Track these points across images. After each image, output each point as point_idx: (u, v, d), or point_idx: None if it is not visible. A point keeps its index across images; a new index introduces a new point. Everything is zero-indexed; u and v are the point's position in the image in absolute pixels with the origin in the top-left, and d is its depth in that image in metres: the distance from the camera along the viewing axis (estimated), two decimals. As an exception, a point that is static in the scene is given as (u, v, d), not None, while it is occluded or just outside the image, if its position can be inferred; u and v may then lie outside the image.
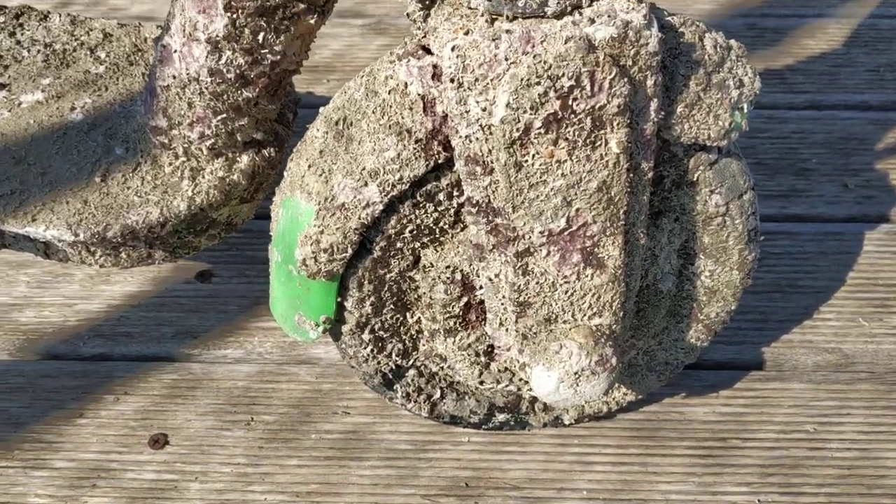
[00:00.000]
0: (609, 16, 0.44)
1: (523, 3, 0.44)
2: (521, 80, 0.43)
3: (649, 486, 0.65)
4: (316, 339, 0.56)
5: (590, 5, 0.44)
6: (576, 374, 0.51)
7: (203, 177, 0.57)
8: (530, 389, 0.59)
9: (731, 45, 0.50)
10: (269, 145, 0.58)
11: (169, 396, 0.72)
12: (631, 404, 0.70)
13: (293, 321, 0.56)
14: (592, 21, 0.44)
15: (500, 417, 0.65)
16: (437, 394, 0.61)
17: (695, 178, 0.52)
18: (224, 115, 0.54)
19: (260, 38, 0.50)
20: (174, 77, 0.53)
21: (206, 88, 0.53)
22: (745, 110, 0.50)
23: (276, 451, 0.69)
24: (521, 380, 0.60)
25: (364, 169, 0.48)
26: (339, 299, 0.55)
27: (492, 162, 0.46)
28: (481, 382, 0.60)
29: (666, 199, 0.54)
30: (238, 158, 0.58)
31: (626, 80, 0.44)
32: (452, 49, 0.43)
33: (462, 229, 0.53)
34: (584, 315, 0.51)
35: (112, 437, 0.70)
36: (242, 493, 0.66)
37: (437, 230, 0.53)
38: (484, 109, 0.44)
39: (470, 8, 0.45)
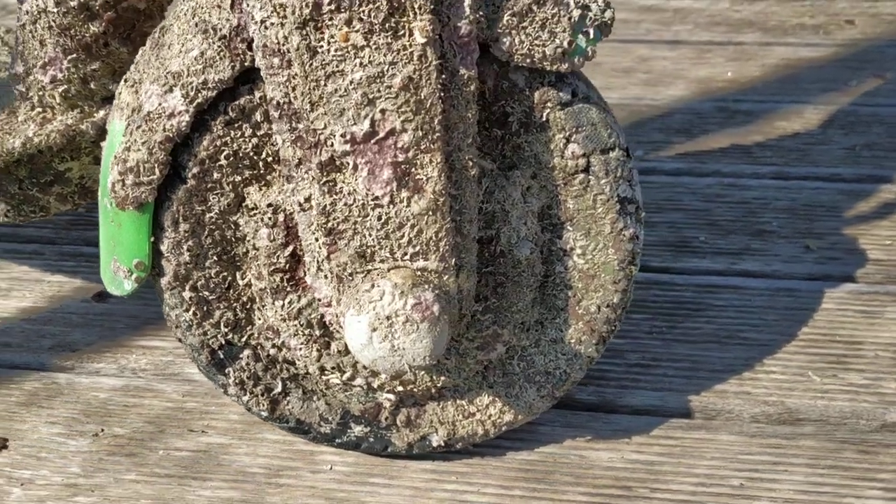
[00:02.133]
0: None
1: None
2: (305, -55, 0.40)
3: (530, 534, 0.54)
4: (130, 292, 0.51)
5: None
6: (388, 318, 0.44)
7: (53, 123, 0.55)
8: (370, 375, 0.50)
9: None
10: None
11: (25, 404, 0.66)
12: (523, 443, 0.60)
13: (109, 270, 0.51)
14: None
15: (357, 430, 0.56)
16: (279, 387, 0.54)
17: (544, 118, 0.47)
18: (74, 56, 0.53)
19: (98, -39, 0.49)
20: (27, 12, 0.53)
21: (54, 21, 0.52)
22: (592, 36, 0.45)
23: (116, 463, 0.61)
24: (367, 371, 0.52)
25: (169, 72, 0.45)
26: (154, 241, 0.50)
27: (288, 51, 0.42)
28: (322, 370, 0.52)
29: (517, 146, 0.48)
30: (94, 112, 0.56)
31: None
32: None
33: None
34: (405, 253, 0.45)
35: (-49, 438, 0.64)
36: (65, 503, 0.58)
37: (261, 163, 0.48)
38: None
39: None
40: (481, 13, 0.44)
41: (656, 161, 0.90)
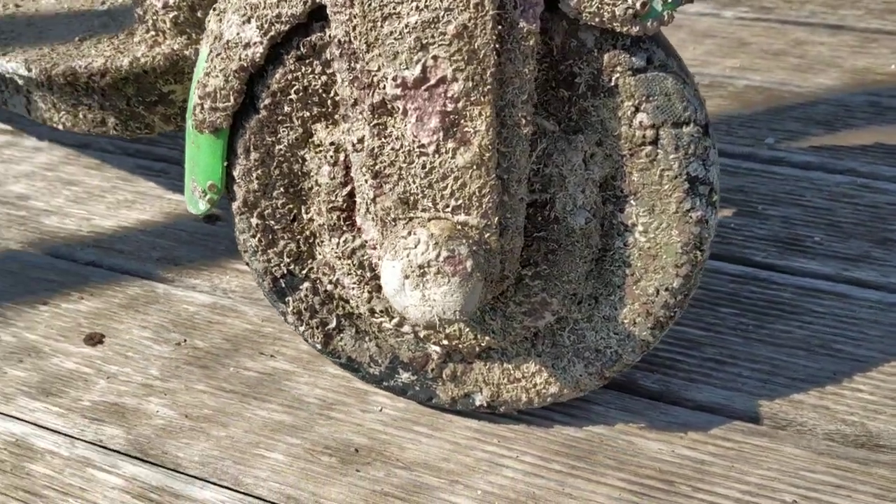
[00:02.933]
0: None
1: None
2: None
3: (559, 508, 0.53)
4: (204, 212, 0.53)
5: None
6: (420, 268, 0.43)
7: (160, 47, 0.59)
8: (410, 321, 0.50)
9: None
10: None
11: (125, 307, 0.72)
12: (574, 419, 0.58)
13: (189, 189, 0.54)
14: None
15: (404, 377, 0.57)
16: (333, 322, 0.55)
17: (612, 83, 0.45)
18: (183, -16, 0.56)
19: None
20: (146, -61, 0.56)
21: (166, -51, 0.55)
22: (671, 0, 0.42)
23: (189, 372, 0.65)
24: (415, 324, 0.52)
25: (248, 3, 0.47)
26: (228, 166, 0.52)
27: None
28: (372, 312, 0.53)
29: (583, 110, 0.46)
30: (199, 40, 0.59)
31: None
32: None
33: None
34: (447, 205, 0.44)
35: (59, 326, 0.70)
36: (140, 401, 0.63)
37: (329, 101, 0.49)
38: None
39: None
40: None
41: (786, 151, 0.84)
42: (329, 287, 0.55)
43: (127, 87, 0.58)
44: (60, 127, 0.62)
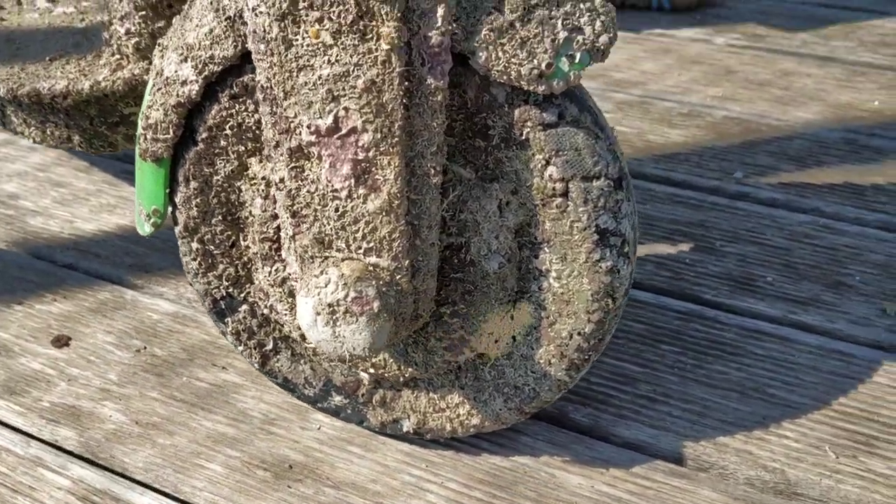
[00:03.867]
0: None
1: None
2: (285, -57, 0.42)
3: (476, 537, 0.54)
4: (149, 234, 0.56)
5: None
6: (330, 306, 0.45)
7: (122, 71, 0.61)
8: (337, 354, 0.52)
9: None
10: None
11: (94, 311, 0.75)
12: (501, 448, 0.60)
13: (137, 212, 0.56)
14: None
15: (337, 400, 0.59)
16: (270, 344, 0.57)
17: (524, 137, 0.46)
18: (144, 13, 0.59)
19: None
20: (111, -31, 0.59)
21: (128, -20, 0.57)
22: (578, 60, 0.43)
23: (145, 379, 0.68)
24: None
25: (185, 43, 0.49)
26: (170, 193, 0.54)
27: (271, 39, 0.44)
28: (304, 337, 0.55)
29: (498, 160, 0.48)
30: (160, 65, 0.62)
31: None
32: None
33: None
34: (359, 247, 0.46)
35: (30, 326, 0.74)
36: (95, 405, 0.66)
37: (262, 137, 0.51)
38: None
39: None
40: (456, 25, 0.44)
41: (754, 187, 0.84)
42: (266, 311, 0.57)
43: (89, 109, 0.61)
44: (31, 141, 0.65)
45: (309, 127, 0.44)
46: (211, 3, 0.48)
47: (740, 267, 0.75)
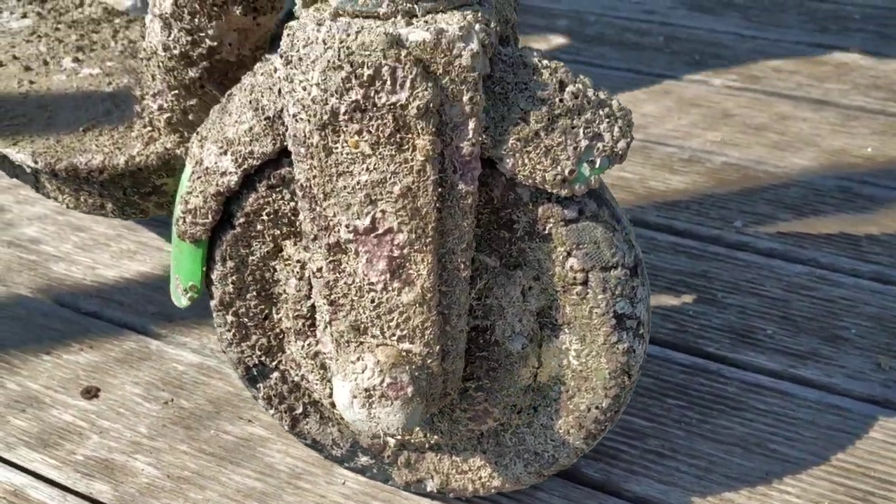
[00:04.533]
0: (427, 22, 0.45)
1: (362, 2, 0.46)
2: (329, 62, 0.45)
3: None
4: (185, 307, 0.59)
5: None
6: (366, 391, 0.48)
7: (154, 145, 0.64)
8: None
9: (609, 104, 0.48)
10: None
11: (120, 361, 0.78)
12: (519, 504, 0.63)
13: (173, 284, 0.59)
14: (411, 24, 0.45)
15: (363, 459, 0.62)
16: (300, 409, 0.60)
17: (546, 232, 0.49)
18: (176, 91, 0.61)
19: (196, 20, 0.56)
20: (144, 49, 0.61)
21: (162, 62, 0.60)
22: (598, 165, 0.47)
23: (174, 432, 0.71)
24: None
25: (225, 137, 0.52)
26: (207, 270, 0.57)
27: (311, 145, 0.47)
28: (333, 405, 0.58)
29: (522, 250, 0.51)
30: (190, 138, 0.65)
31: (430, 84, 0.44)
32: (286, 29, 0.46)
33: None
34: (393, 334, 0.49)
35: (59, 377, 0.77)
36: (127, 458, 0.69)
37: (297, 222, 0.54)
38: (304, 88, 0.46)
39: (329, 5, 0.48)
40: (486, 136, 0.47)
41: (752, 236, 0.88)
42: (296, 378, 0.60)
43: (123, 181, 0.63)
44: (64, 206, 0.67)
45: (347, 226, 0.47)
46: (250, 102, 0.50)
47: (741, 319, 0.78)
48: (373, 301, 0.49)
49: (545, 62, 0.48)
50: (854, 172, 0.94)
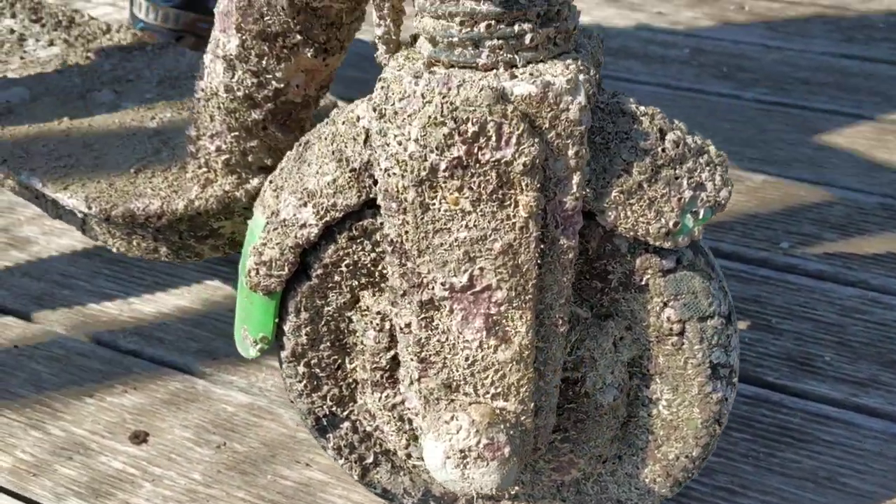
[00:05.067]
0: (532, 74, 0.43)
1: (459, 52, 0.45)
2: (430, 117, 0.43)
3: None
4: (254, 357, 0.57)
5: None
6: (461, 452, 0.47)
7: (212, 187, 0.62)
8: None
9: (707, 150, 0.47)
10: None
11: (167, 403, 0.76)
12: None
13: (240, 334, 0.57)
14: (514, 76, 0.43)
15: (435, 509, 0.60)
16: (371, 458, 0.59)
17: (643, 283, 0.48)
18: (237, 133, 0.59)
19: (263, 62, 0.54)
20: (203, 90, 0.59)
21: (223, 104, 0.58)
22: (701, 216, 0.45)
23: (230, 478, 0.69)
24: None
25: (305, 189, 0.50)
26: (279, 321, 0.55)
27: (405, 200, 0.45)
28: (408, 456, 0.57)
29: (615, 300, 0.50)
30: (249, 180, 0.63)
31: (536, 140, 0.42)
32: (379, 81, 0.45)
33: None
34: (487, 392, 0.48)
35: (105, 421, 0.74)
36: (183, 508, 0.67)
37: (377, 274, 0.52)
38: (400, 143, 0.45)
39: (419, 54, 0.46)
40: (588, 188, 0.46)
41: (801, 258, 0.87)
42: (368, 428, 0.58)
43: (180, 225, 0.61)
44: (115, 251, 0.65)
45: (443, 284, 0.46)
46: (333, 152, 0.49)
47: (798, 346, 0.77)
48: (467, 359, 0.47)
49: (642, 108, 0.46)
50: (895, 188, 0.94)
